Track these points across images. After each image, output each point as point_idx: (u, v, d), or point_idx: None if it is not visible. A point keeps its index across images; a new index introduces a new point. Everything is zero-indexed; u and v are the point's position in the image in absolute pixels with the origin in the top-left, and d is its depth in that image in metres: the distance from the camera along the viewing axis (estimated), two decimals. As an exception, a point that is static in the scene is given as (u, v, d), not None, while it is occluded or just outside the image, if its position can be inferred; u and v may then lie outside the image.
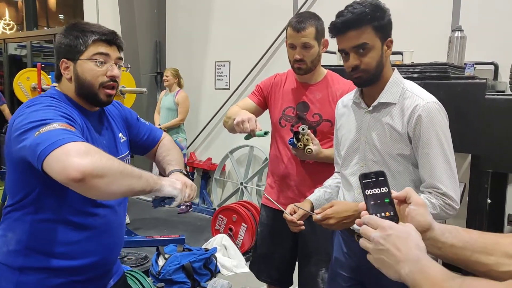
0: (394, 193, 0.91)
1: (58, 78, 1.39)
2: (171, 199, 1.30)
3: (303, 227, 1.59)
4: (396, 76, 1.47)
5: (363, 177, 0.93)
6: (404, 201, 0.90)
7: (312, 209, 1.62)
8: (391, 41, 1.43)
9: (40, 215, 1.28)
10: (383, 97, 1.45)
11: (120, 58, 1.39)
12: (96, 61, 1.32)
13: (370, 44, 1.38)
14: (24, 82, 4.65)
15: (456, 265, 0.85)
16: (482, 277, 0.75)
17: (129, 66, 1.63)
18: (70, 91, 1.36)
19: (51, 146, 1.07)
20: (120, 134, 1.52)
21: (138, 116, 1.67)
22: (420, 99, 1.39)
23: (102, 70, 1.33)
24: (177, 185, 1.29)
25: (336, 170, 1.76)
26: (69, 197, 1.27)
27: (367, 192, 0.91)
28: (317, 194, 1.68)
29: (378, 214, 0.88)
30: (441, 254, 0.85)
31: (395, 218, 0.88)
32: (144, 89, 3.90)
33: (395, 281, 0.79)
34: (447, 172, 1.37)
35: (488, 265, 0.77)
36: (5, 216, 1.34)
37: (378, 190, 0.91)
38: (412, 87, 1.45)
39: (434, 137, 1.36)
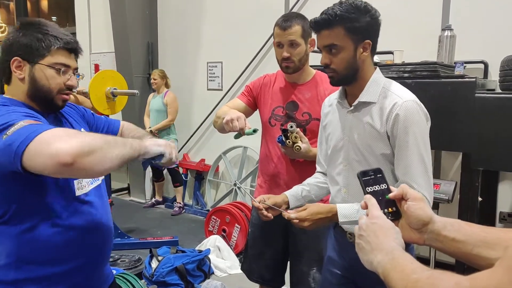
0: (391, 192, 0.92)
1: (6, 79, 1.32)
2: (159, 156, 1.29)
3: (270, 215, 1.60)
4: (376, 76, 1.48)
5: (362, 174, 0.94)
6: (401, 198, 0.91)
7: (288, 205, 1.65)
8: (369, 44, 1.42)
9: (26, 224, 1.24)
10: (363, 97, 1.46)
11: (77, 69, 1.38)
12: (57, 70, 1.30)
13: (340, 45, 1.39)
14: None
15: (457, 258, 0.85)
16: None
17: (83, 75, 1.61)
18: (22, 93, 1.31)
19: (26, 140, 1.03)
20: (82, 129, 1.48)
21: (92, 113, 1.65)
22: (399, 98, 1.40)
23: (62, 79, 1.32)
24: (159, 142, 1.29)
25: (317, 170, 1.77)
26: (50, 198, 1.25)
27: (368, 189, 0.93)
28: (295, 190, 1.70)
29: (383, 211, 0.89)
30: (443, 248, 0.85)
31: (398, 213, 0.91)
32: (135, 91, 3.89)
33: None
34: (421, 172, 1.37)
35: (489, 259, 0.76)
36: None
37: (378, 187, 0.93)
38: (392, 86, 1.46)
39: (411, 135, 1.37)
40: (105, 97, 3.78)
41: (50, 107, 1.34)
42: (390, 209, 0.91)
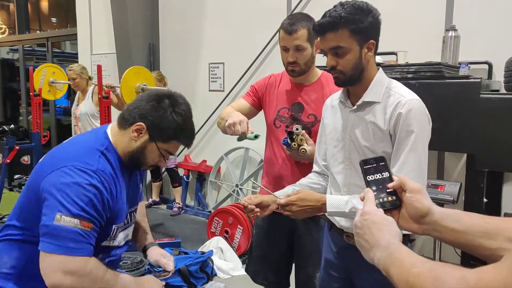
0: (393, 181, 0.92)
1: (123, 125, 1.41)
2: None
3: (258, 213, 1.59)
4: (380, 76, 1.49)
5: (364, 163, 0.94)
6: (401, 188, 0.91)
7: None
8: (373, 43, 1.43)
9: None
10: (367, 96, 1.47)
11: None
12: (163, 156, 1.43)
13: (346, 47, 1.40)
14: (49, 74, 4.70)
15: (457, 247, 0.86)
16: (485, 260, 0.74)
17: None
18: (125, 146, 1.40)
19: (56, 249, 1.17)
20: (141, 184, 1.63)
21: None
22: (402, 97, 1.41)
23: (159, 160, 1.45)
24: None
25: (313, 169, 1.77)
26: None
27: (369, 178, 0.93)
28: (285, 190, 1.71)
29: (381, 199, 0.90)
30: (442, 238, 0.86)
31: (397, 202, 0.91)
32: (165, 89, 3.90)
33: (381, 280, 0.79)
34: (415, 170, 1.38)
35: (491, 250, 0.77)
36: (3, 237, 1.33)
37: (379, 176, 0.93)
38: (395, 86, 1.48)
39: (411, 133, 1.38)
40: (134, 91, 3.94)
41: (134, 169, 1.50)
42: (389, 198, 0.91)
